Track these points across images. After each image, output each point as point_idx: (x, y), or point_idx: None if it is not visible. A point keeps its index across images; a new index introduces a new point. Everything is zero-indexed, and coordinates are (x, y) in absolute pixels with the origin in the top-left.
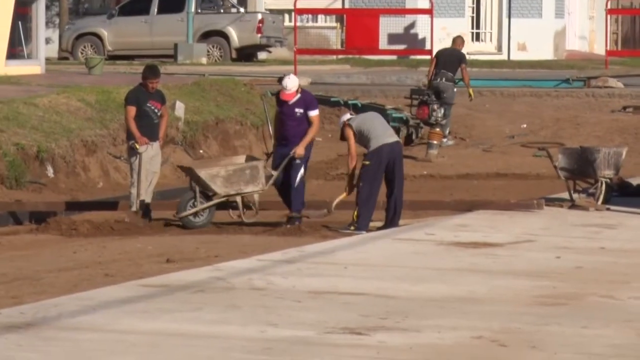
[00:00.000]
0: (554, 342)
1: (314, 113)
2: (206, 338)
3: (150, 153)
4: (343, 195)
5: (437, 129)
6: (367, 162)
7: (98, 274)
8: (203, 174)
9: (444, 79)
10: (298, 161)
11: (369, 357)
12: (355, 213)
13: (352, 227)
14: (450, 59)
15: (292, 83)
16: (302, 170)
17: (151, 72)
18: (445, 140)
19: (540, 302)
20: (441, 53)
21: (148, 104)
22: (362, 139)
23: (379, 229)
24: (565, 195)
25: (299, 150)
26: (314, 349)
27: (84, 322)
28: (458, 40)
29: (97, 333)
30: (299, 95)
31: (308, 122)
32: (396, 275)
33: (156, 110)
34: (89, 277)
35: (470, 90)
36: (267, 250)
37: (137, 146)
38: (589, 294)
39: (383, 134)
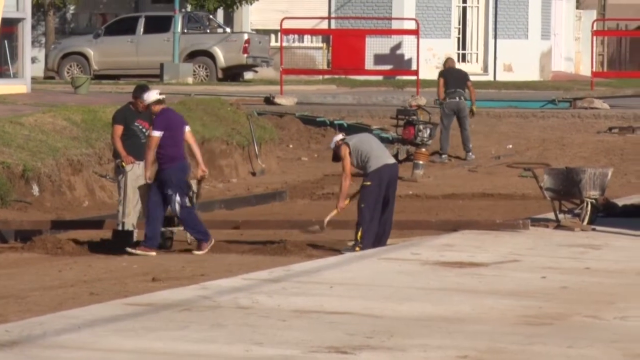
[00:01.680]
0: None
1: (151, 133)
2: (191, 357)
3: (137, 172)
4: (334, 212)
5: (423, 150)
6: (368, 183)
7: (83, 293)
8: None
9: (462, 98)
10: (169, 192)
11: None
12: (359, 234)
13: (357, 248)
14: (459, 77)
15: (145, 95)
16: (177, 199)
17: (142, 91)
18: (470, 154)
19: (525, 321)
20: (449, 72)
21: (135, 124)
22: (359, 159)
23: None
24: (551, 215)
25: (147, 174)
26: None
27: (69, 340)
28: (451, 61)
29: (82, 351)
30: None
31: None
32: (382, 295)
33: (144, 130)
34: (74, 296)
35: (474, 107)
36: (253, 269)
37: (124, 165)
38: (574, 314)
39: (382, 154)
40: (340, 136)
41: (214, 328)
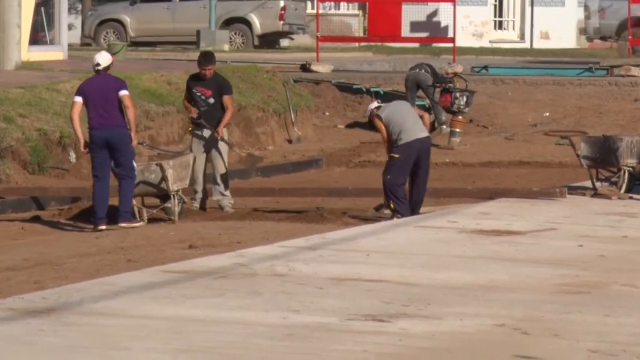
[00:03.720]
0: (576, 330)
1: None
2: (228, 324)
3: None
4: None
5: (460, 117)
6: (396, 156)
7: (120, 260)
8: None
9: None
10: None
11: (391, 344)
12: (392, 205)
13: (396, 218)
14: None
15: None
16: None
17: (203, 58)
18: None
19: (562, 290)
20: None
21: (194, 90)
22: (391, 130)
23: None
24: (588, 183)
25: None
26: (335, 336)
27: (106, 307)
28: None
29: (119, 318)
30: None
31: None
32: (418, 263)
33: (203, 97)
34: (111, 263)
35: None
36: (289, 237)
37: (193, 116)
38: (611, 282)
39: (414, 127)
40: (374, 104)
41: (251, 295)
